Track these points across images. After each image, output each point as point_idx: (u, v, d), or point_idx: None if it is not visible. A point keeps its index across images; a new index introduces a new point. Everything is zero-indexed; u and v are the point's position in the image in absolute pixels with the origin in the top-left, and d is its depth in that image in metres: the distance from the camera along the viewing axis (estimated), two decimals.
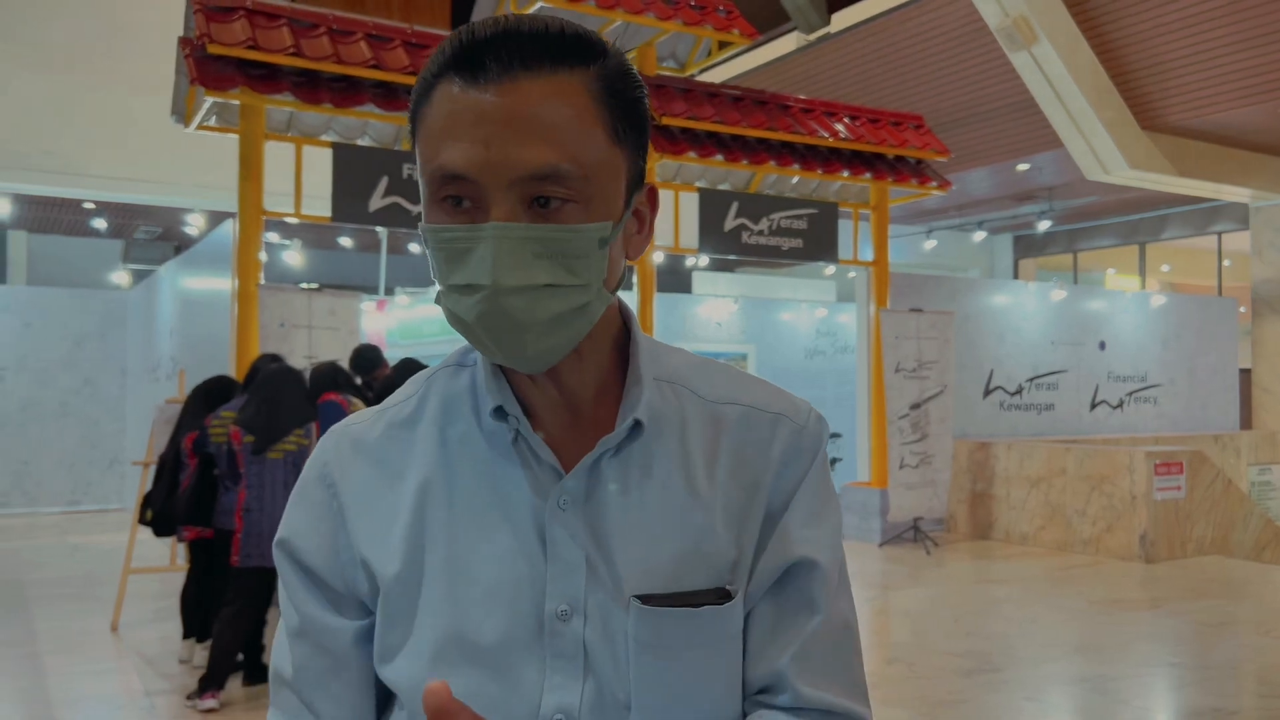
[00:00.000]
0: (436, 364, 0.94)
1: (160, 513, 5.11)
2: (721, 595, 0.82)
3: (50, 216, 13.60)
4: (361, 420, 0.91)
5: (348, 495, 0.86)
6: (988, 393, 10.70)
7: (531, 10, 7.06)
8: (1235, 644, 5.88)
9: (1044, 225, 15.12)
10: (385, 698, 0.87)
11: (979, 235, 16.06)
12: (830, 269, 14.88)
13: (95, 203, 12.02)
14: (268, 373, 4.75)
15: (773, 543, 0.85)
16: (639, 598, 0.80)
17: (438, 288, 0.80)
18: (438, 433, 0.86)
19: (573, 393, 0.86)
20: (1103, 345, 11.73)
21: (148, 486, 5.81)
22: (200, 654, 5.35)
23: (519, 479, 0.83)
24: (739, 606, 0.83)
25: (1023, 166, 12.08)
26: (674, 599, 0.80)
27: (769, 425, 0.88)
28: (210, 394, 5.22)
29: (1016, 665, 5.42)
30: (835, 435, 13.18)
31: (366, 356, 5.80)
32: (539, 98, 0.74)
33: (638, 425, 0.84)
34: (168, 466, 5.20)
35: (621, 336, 0.89)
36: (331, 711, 0.85)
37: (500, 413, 0.84)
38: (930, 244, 15.73)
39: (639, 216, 0.85)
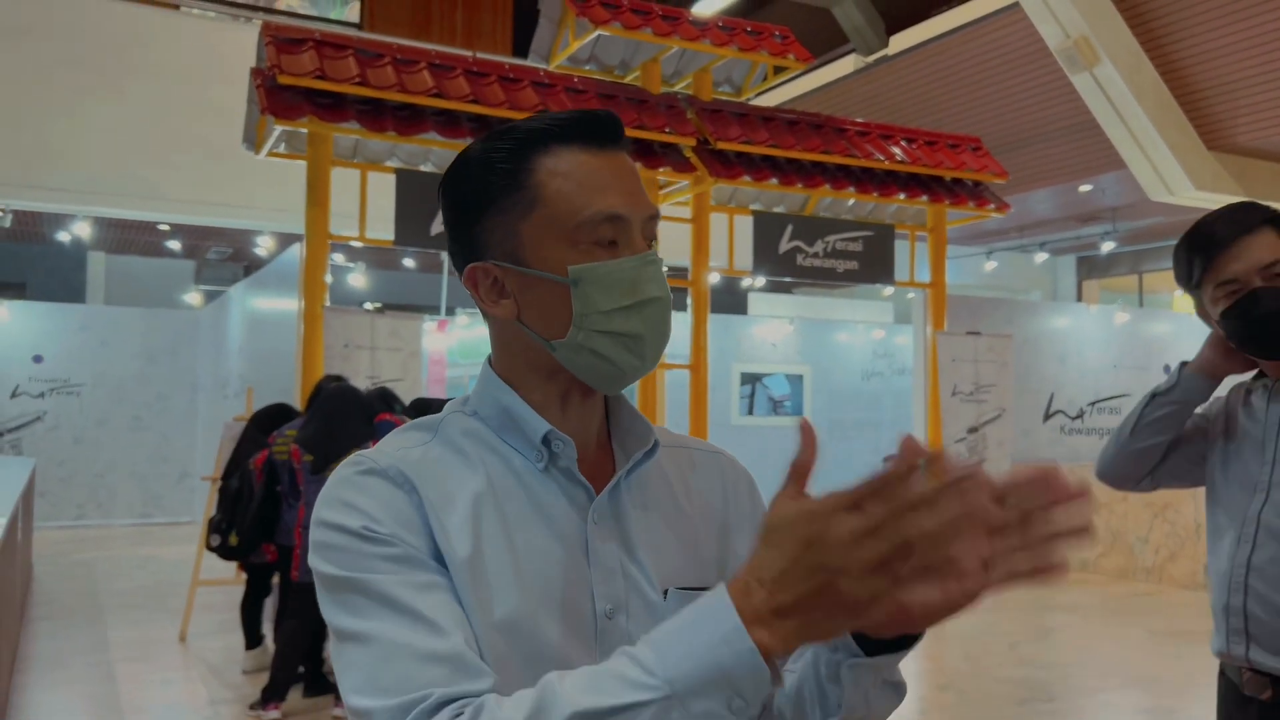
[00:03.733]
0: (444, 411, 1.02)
1: (246, 534, 5.16)
2: None
3: (127, 238, 14.10)
4: (395, 446, 0.96)
5: (424, 496, 0.90)
6: (1048, 417, 10.55)
7: (589, 39, 7.18)
8: None
9: (1108, 246, 14.86)
10: None
11: (1041, 256, 15.83)
12: (888, 290, 14.80)
13: (170, 225, 12.43)
14: (328, 393, 4.88)
15: None
16: (677, 588, 0.96)
17: (579, 324, 0.93)
18: (476, 460, 0.96)
19: (586, 425, 1.00)
20: (1168, 369, 11.50)
21: (213, 506, 5.98)
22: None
23: (556, 498, 0.95)
24: None
25: (1085, 188, 11.92)
26: (701, 588, 0.95)
27: (713, 460, 1.10)
28: (272, 419, 5.40)
29: (1072, 695, 5.35)
30: (892, 458, 13.05)
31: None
32: (630, 163, 0.99)
33: (655, 446, 1.00)
34: (229, 494, 5.29)
35: None
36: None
37: (545, 440, 0.96)
38: (991, 265, 15.55)
39: None
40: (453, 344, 13.18)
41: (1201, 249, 1.87)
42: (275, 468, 5.03)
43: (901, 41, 12.51)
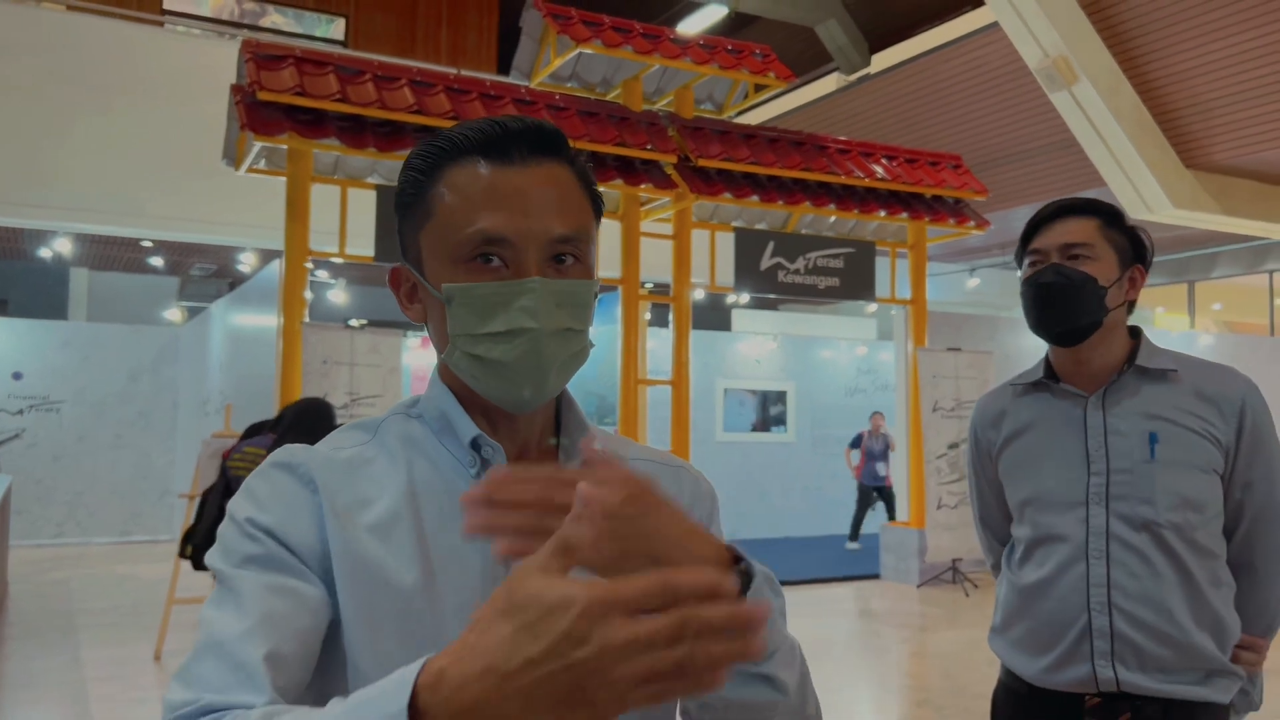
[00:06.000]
0: (388, 413, 1.01)
1: (199, 547, 5.24)
2: None
3: (110, 254, 14.05)
4: (331, 445, 0.96)
5: (326, 497, 0.90)
6: None
7: (570, 56, 7.18)
8: None
9: None
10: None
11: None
12: (872, 307, 14.86)
13: (153, 241, 12.39)
14: (304, 404, 4.89)
15: None
16: None
17: (454, 342, 0.92)
18: (404, 468, 0.94)
19: (526, 437, 0.98)
20: None
21: (190, 519, 5.97)
22: None
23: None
24: None
25: None
26: None
27: (674, 475, 1.06)
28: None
29: None
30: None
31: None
32: (554, 179, 0.92)
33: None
34: (209, 502, 5.32)
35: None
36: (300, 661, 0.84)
37: (474, 444, 0.94)
38: (973, 282, 15.63)
39: None
40: (435, 361, 13.15)
41: (1029, 224, 1.95)
42: (229, 484, 5.03)
43: (883, 60, 12.62)
